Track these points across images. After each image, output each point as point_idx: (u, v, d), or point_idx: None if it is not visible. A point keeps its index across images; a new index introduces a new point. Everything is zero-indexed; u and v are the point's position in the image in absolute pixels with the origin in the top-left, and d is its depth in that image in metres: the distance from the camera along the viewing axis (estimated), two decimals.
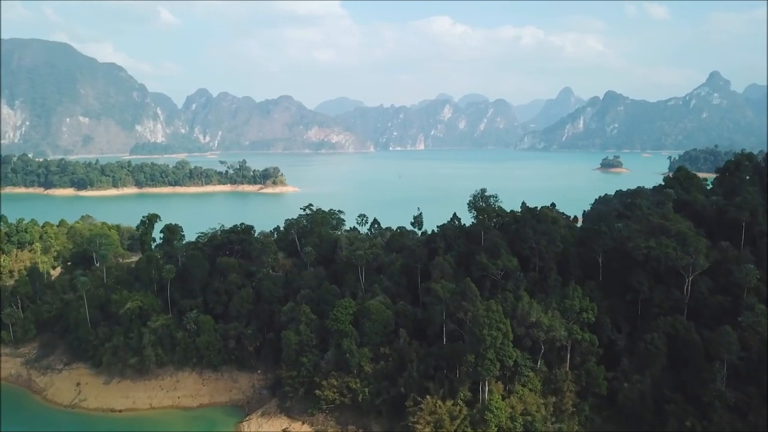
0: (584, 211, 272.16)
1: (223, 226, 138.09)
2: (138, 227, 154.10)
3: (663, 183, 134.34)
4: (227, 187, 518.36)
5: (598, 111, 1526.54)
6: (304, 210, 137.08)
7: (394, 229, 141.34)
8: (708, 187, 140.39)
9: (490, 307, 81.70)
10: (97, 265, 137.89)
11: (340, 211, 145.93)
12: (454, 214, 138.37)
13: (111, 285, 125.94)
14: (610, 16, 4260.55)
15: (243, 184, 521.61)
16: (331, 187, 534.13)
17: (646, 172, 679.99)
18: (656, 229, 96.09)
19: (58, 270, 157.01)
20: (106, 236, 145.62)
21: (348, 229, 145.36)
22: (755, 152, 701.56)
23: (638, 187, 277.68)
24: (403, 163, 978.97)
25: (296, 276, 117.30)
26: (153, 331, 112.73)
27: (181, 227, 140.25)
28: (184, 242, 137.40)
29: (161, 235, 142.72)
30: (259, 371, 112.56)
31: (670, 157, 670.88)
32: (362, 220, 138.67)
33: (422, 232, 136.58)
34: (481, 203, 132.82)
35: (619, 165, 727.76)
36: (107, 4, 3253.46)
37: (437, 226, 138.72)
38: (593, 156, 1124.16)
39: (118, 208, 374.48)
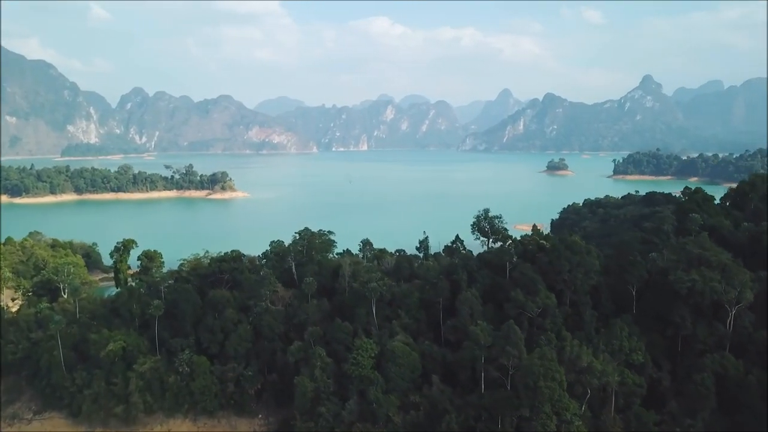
0: (552, 219, 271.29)
1: (207, 251, 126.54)
2: (111, 254, 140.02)
3: (681, 202, 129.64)
4: (173, 193, 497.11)
5: (538, 113, 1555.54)
6: (299, 234, 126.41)
7: (391, 252, 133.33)
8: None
9: (544, 355, 74.64)
10: (65, 296, 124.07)
11: (330, 232, 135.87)
12: (457, 237, 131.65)
13: (86, 321, 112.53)
14: (547, 19, 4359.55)
15: (190, 189, 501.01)
16: (281, 192, 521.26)
17: (591, 174, 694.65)
18: (695, 259, 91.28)
19: (8, 295, 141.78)
20: (74, 264, 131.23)
21: (340, 252, 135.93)
22: (694, 154, 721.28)
23: (606, 195, 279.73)
24: (349, 165, 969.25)
25: (297, 309, 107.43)
26: (140, 376, 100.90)
27: (160, 254, 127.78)
28: (165, 270, 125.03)
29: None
30: (260, 416, 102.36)
31: (614, 160, 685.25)
32: (365, 247, 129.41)
33: (424, 256, 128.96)
34: (486, 225, 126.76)
35: (564, 167, 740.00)
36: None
37: (443, 250, 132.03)
38: (534, 157, 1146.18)
39: (61, 218, 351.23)
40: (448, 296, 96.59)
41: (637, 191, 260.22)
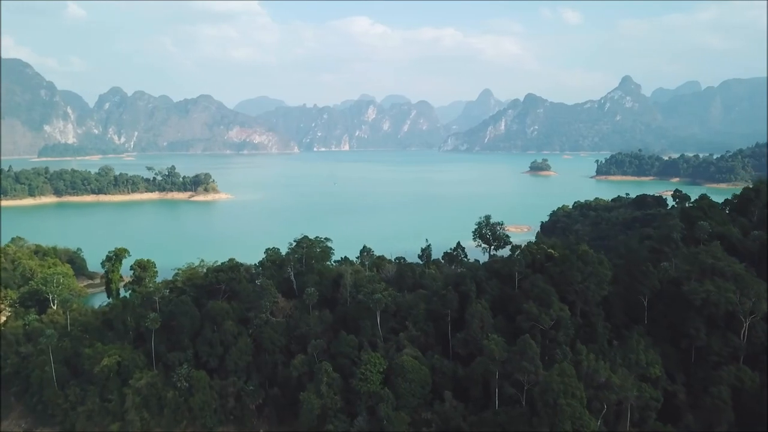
0: (542, 222, 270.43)
1: (202, 260, 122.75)
2: (102, 263, 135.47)
3: (685, 209, 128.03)
4: (155, 195, 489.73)
5: (519, 113, 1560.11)
6: (297, 242, 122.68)
7: (389, 259, 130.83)
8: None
9: (564, 371, 72.46)
10: (54, 307, 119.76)
11: (326, 239, 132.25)
12: (458, 244, 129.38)
13: (78, 335, 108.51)
14: (527, 20, 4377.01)
15: (172, 191, 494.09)
16: (265, 194, 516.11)
17: (573, 175, 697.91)
18: (708, 269, 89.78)
19: None
20: (63, 274, 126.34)
21: (339, 260, 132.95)
22: (674, 155, 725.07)
23: (596, 198, 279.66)
24: (331, 165, 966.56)
25: (299, 321, 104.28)
26: (137, 392, 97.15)
27: (153, 263, 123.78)
28: (158, 280, 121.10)
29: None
30: (261, 431, 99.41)
31: (597, 161, 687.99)
32: (363, 254, 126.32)
33: (425, 263, 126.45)
34: (488, 232, 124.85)
35: (547, 168, 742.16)
36: None
37: (443, 257, 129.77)
38: (516, 158, 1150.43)
39: (41, 222, 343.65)
40: (456, 307, 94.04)
41: (627, 194, 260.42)
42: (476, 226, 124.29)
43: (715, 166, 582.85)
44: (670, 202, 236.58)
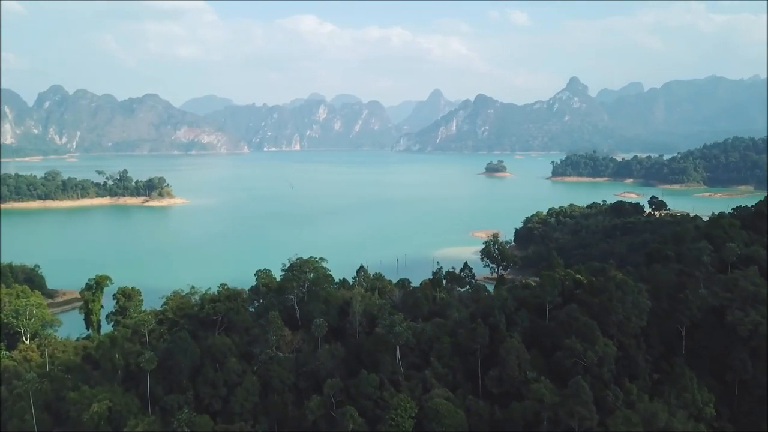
0: (516, 228, 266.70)
1: (193, 287, 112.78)
2: (82, 291, 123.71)
3: (700, 227, 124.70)
4: (106, 200, 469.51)
5: (470, 114, 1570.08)
6: (293, 266, 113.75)
7: (390, 280, 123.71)
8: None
9: (629, 419, 66.79)
10: (27, 342, 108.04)
11: (321, 259, 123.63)
12: (465, 264, 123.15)
13: (59, 376, 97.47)
14: (474, 20, 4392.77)
15: (125, 196, 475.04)
16: (221, 198, 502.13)
17: (530, 176, 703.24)
18: (750, 297, 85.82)
19: None
20: (37, 305, 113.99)
21: (336, 283, 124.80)
22: (623, 155, 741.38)
23: (571, 204, 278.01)
24: (285, 166, 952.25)
25: (309, 356, 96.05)
26: None
27: (139, 291, 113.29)
28: (144, 310, 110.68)
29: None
30: None
31: (552, 162, 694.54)
32: (360, 274, 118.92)
33: (435, 287, 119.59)
34: (496, 251, 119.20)
35: (503, 169, 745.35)
36: None
37: (445, 277, 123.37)
38: (468, 158, 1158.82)
39: None
40: (486, 342, 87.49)
41: (604, 201, 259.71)
42: (484, 245, 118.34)
43: (668, 167, 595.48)
44: (645, 208, 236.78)
